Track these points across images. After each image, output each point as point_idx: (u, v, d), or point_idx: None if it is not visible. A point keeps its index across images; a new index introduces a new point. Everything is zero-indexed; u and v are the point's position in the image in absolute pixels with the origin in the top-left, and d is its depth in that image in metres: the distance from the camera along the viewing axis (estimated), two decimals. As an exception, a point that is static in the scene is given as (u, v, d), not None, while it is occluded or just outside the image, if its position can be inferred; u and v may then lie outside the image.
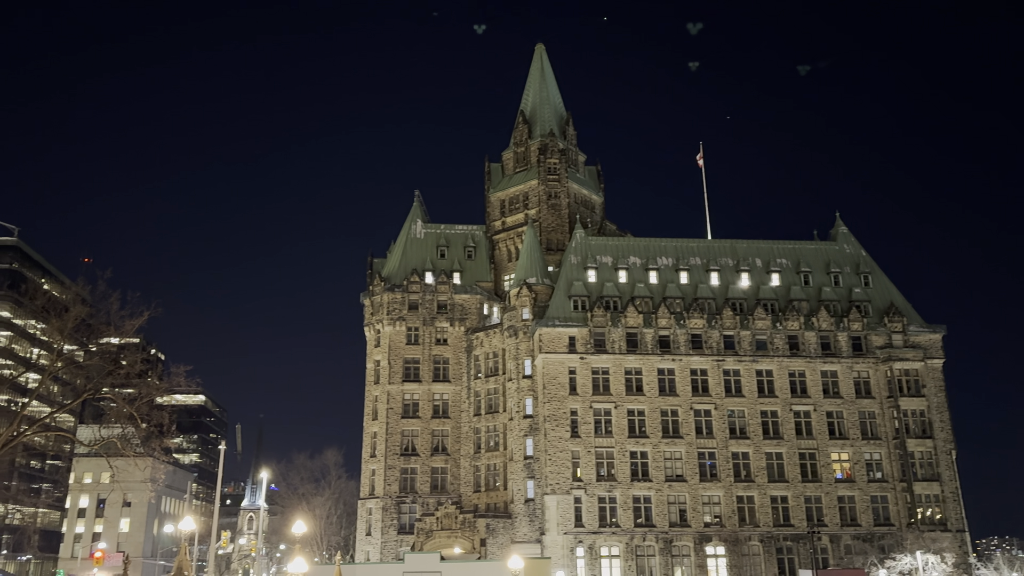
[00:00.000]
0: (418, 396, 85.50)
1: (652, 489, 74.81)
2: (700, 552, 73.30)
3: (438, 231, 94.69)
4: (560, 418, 75.72)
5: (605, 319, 78.67)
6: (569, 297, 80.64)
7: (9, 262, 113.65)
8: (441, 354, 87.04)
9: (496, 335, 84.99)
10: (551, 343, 77.74)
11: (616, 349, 78.09)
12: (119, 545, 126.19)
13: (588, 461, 74.94)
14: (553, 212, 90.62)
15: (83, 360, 41.16)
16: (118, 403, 38.48)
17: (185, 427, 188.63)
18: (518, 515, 76.35)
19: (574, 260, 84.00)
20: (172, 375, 41.33)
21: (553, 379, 76.84)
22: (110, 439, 41.06)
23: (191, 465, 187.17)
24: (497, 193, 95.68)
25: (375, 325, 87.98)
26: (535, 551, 71.66)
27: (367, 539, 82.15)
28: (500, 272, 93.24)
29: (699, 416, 77.52)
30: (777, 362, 79.59)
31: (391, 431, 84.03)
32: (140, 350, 60.67)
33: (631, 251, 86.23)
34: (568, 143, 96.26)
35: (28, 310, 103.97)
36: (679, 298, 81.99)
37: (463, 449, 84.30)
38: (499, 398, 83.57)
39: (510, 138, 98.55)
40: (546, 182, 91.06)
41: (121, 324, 37.53)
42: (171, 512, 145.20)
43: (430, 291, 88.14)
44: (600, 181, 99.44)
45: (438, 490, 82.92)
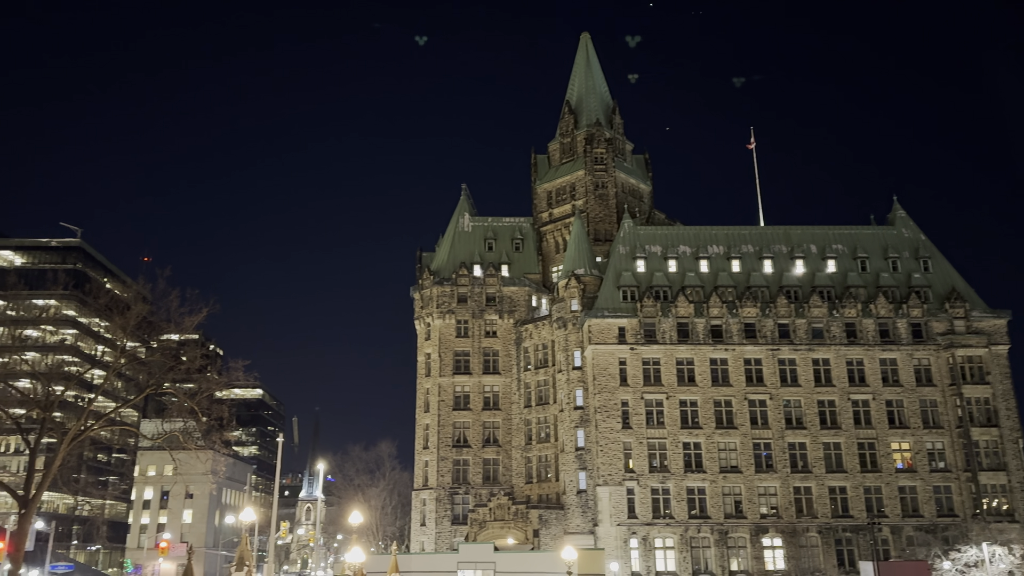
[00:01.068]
0: (468, 388, 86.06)
1: (706, 480, 74.04)
2: (756, 544, 72.35)
3: (485, 224, 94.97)
4: (611, 409, 75.41)
5: (655, 309, 77.97)
6: (618, 287, 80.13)
7: (73, 262, 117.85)
8: (491, 346, 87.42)
9: (545, 327, 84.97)
10: (601, 334, 77.39)
11: (667, 339, 77.36)
12: (182, 536, 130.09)
13: (640, 452, 74.50)
14: (600, 202, 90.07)
15: (145, 356, 42.42)
16: (179, 398, 39.61)
17: (244, 420, 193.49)
18: (570, 506, 76.38)
19: (622, 250, 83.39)
20: (230, 370, 42.35)
21: (603, 370, 76.51)
22: (172, 433, 42.30)
23: (250, 457, 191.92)
24: (544, 185, 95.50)
25: (425, 318, 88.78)
26: (588, 542, 71.63)
27: (421, 529, 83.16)
28: (548, 264, 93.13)
29: (753, 406, 76.38)
30: (834, 350, 77.89)
31: (443, 423, 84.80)
32: (199, 346, 62.15)
33: (681, 240, 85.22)
34: (615, 132, 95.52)
35: (92, 309, 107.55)
36: (731, 287, 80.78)
37: (514, 441, 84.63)
38: (549, 390, 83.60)
39: (556, 129, 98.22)
40: (593, 172, 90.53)
41: (181, 321, 38.58)
42: (231, 503, 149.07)
43: (478, 284, 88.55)
44: (648, 170, 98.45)
45: (490, 481, 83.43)
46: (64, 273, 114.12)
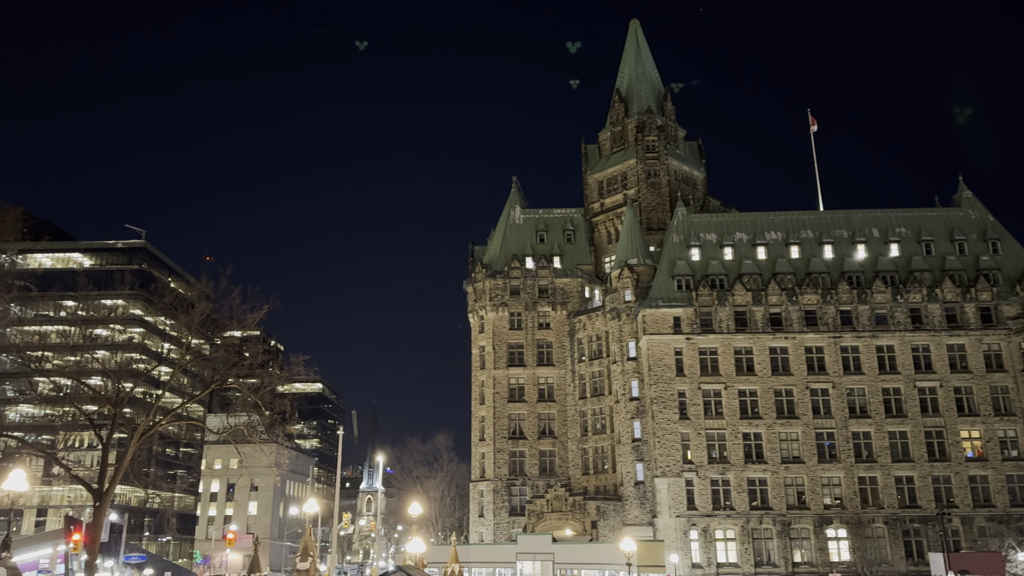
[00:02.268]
0: (523, 380, 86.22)
1: (767, 471, 72.77)
2: (820, 535, 70.88)
3: (536, 216, 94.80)
4: (668, 400, 74.65)
5: (711, 298, 76.82)
6: (672, 277, 79.17)
7: (139, 263, 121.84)
8: (544, 338, 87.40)
9: (598, 318, 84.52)
10: (655, 324, 76.61)
11: (724, 328, 76.17)
12: (248, 527, 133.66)
13: (699, 443, 73.62)
14: (653, 191, 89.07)
15: (209, 353, 43.56)
16: (243, 393, 40.57)
17: (305, 414, 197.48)
18: (628, 498, 75.98)
19: (676, 239, 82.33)
20: (291, 365, 43.19)
21: (659, 361, 75.76)
22: (237, 427, 43.38)
23: (312, 450, 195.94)
24: (595, 175, 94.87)
25: (478, 311, 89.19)
26: (647, 534, 71.17)
27: (480, 520, 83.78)
28: (600, 254, 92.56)
29: (815, 395, 74.72)
30: (899, 337, 75.64)
31: (498, 415, 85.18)
32: (261, 342, 63.70)
33: (737, 227, 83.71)
34: (666, 119, 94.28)
35: (158, 308, 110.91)
36: (790, 273, 79.05)
37: (570, 432, 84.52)
38: (604, 381, 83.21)
39: (606, 118, 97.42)
40: (644, 160, 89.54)
41: (243, 318, 39.49)
42: (294, 495, 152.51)
43: (531, 276, 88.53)
44: (702, 156, 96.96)
45: (547, 473, 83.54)
46: (130, 274, 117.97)
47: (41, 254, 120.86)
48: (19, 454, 44.66)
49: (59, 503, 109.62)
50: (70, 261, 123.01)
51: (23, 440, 51.23)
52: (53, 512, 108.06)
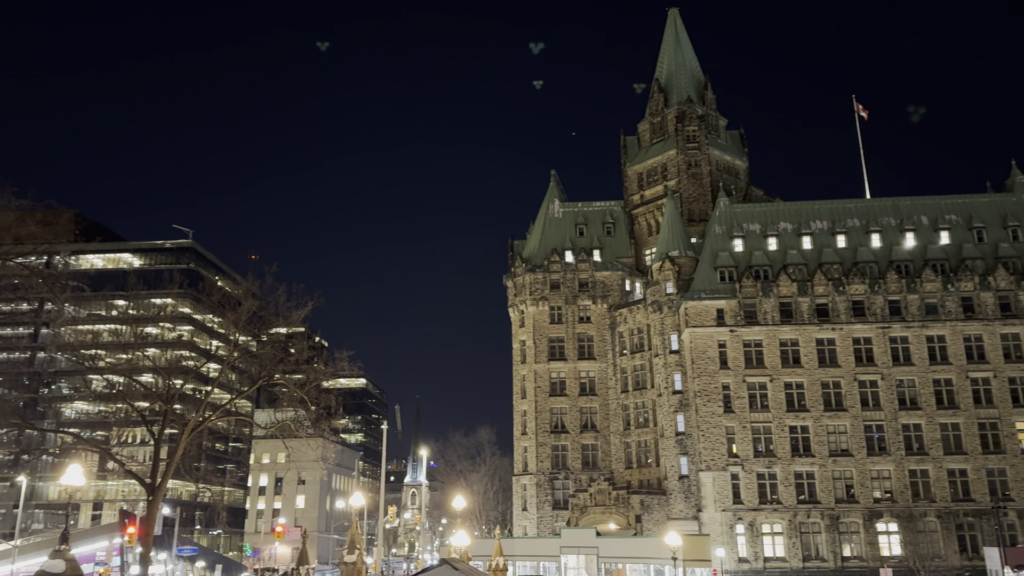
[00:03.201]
0: (564, 374, 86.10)
1: (815, 464, 71.61)
2: (870, 529, 69.55)
3: (575, 209, 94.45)
4: (711, 393, 73.87)
5: (755, 289, 75.73)
6: (715, 268, 78.23)
7: (187, 262, 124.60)
8: (585, 332, 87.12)
9: (640, 311, 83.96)
10: (698, 316, 75.82)
11: (769, 320, 75.05)
12: (296, 520, 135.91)
13: (744, 437, 72.75)
14: (694, 181, 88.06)
15: (256, 350, 44.42)
16: (289, 388, 41.25)
17: (349, 408, 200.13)
18: (672, 492, 75.45)
19: (719, 230, 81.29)
20: (336, 360, 43.77)
21: (702, 353, 74.98)
22: (284, 422, 44.15)
23: (356, 444, 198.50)
24: (634, 166, 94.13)
25: (518, 306, 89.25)
26: (692, 528, 70.61)
27: (523, 514, 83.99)
28: (641, 247, 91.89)
29: (864, 387, 73.24)
30: (950, 326, 73.70)
31: (540, 409, 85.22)
32: (306, 338, 64.99)
33: (781, 216, 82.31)
34: (707, 108, 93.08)
35: (205, 306, 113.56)
36: (837, 263, 77.53)
37: (612, 426, 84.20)
38: (646, 374, 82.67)
39: (645, 109, 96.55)
40: (685, 151, 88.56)
41: (288, 315, 40.16)
42: (341, 489, 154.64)
43: (571, 270, 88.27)
44: (744, 145, 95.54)
45: (590, 467, 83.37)
46: (179, 273, 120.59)
47: (93, 255, 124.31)
48: (75, 450, 46.12)
49: (114, 497, 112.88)
50: (120, 261, 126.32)
51: (79, 436, 52.82)
52: (108, 506, 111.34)
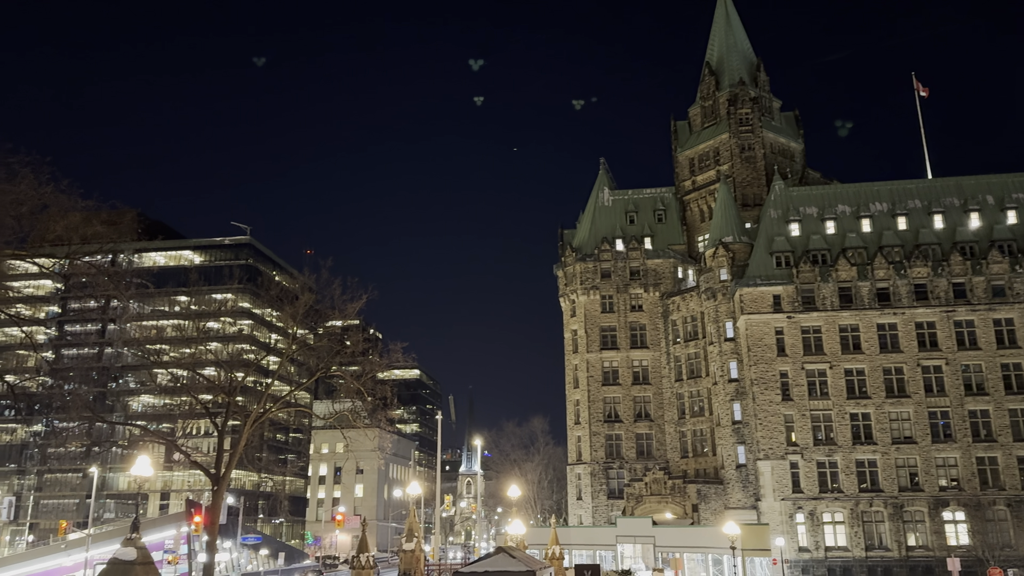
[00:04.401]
0: (617, 363, 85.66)
1: (877, 452, 69.92)
2: (936, 518, 67.66)
3: (626, 197, 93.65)
4: (769, 381, 72.65)
5: (813, 274, 74.08)
6: (771, 253, 76.75)
7: (245, 258, 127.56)
8: (637, 320, 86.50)
9: (693, 298, 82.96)
10: (753, 303, 74.56)
11: (827, 306, 73.38)
12: (355, 509, 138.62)
13: (803, 425, 71.40)
14: (747, 165, 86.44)
15: (314, 342, 45.27)
16: (346, 380, 42.00)
17: (404, 399, 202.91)
18: (730, 481, 74.57)
19: (774, 214, 79.69)
20: (390, 352, 44.42)
21: (758, 341, 73.75)
22: (342, 412, 45.01)
23: (412, 434, 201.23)
24: (685, 152, 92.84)
25: (569, 295, 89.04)
26: (750, 517, 69.73)
27: (578, 503, 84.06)
28: (693, 233, 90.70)
29: (927, 373, 71.12)
30: (1018, 309, 70.97)
31: (593, 398, 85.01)
32: (361, 331, 65.63)
33: (839, 199, 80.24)
34: (760, 90, 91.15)
35: (264, 300, 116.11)
36: (898, 246, 75.31)
37: (666, 415, 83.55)
38: (700, 362, 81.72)
39: (696, 93, 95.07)
40: (738, 134, 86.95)
41: (343, 308, 40.84)
42: (397, 478, 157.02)
43: (621, 258, 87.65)
44: (799, 127, 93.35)
45: (644, 456, 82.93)
46: (238, 268, 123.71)
47: (155, 253, 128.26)
48: (143, 442, 47.78)
49: (180, 487, 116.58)
50: (182, 259, 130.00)
51: (146, 428, 54.75)
52: (175, 496, 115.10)
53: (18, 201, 25.02)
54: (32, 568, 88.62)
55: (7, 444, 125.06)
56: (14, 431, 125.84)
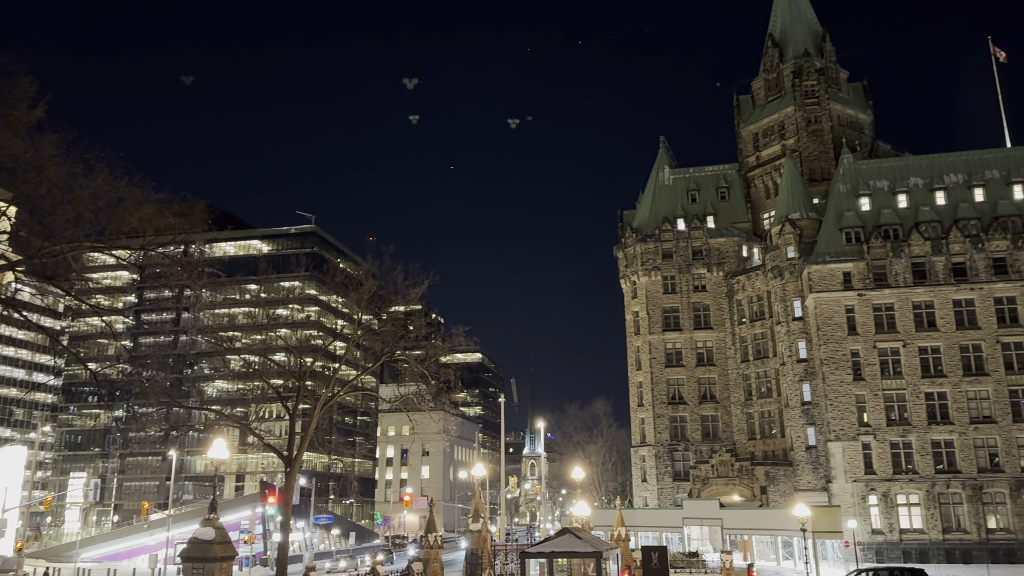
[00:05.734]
0: (680, 345, 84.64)
1: (954, 432, 67.52)
2: (1018, 500, 65.06)
3: (687, 175, 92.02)
4: (839, 360, 70.76)
5: (884, 250, 71.64)
6: (840, 229, 74.47)
7: (311, 246, 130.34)
8: (700, 301, 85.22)
9: (759, 277, 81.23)
10: (822, 281, 72.59)
11: (900, 282, 70.95)
12: (422, 490, 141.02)
13: (875, 405, 69.43)
14: (814, 139, 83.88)
15: (378, 328, 45.99)
16: (410, 364, 42.57)
17: (467, 383, 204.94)
18: (799, 462, 73.11)
19: (843, 188, 77.23)
20: (452, 336, 44.82)
21: (828, 319, 71.83)
22: (407, 396, 45.71)
23: (475, 417, 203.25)
24: (748, 127, 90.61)
25: (630, 277, 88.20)
26: (820, 499, 68.28)
27: (643, 485, 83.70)
28: (758, 211, 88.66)
29: (1008, 350, 68.18)
30: (1109, 282, 67.29)
31: (656, 380, 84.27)
32: (423, 315, 67.08)
33: (911, 171, 77.22)
34: (826, 61, 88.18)
35: (329, 287, 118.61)
36: (975, 219, 72.16)
37: (732, 396, 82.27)
38: (767, 343, 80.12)
39: (759, 66, 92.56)
40: (803, 107, 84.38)
41: (406, 293, 41.31)
42: (462, 460, 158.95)
43: (683, 238, 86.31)
44: (867, 98, 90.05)
45: (710, 438, 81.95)
46: (304, 257, 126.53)
47: (225, 243, 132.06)
48: (218, 426, 49.33)
49: (254, 469, 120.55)
50: (250, 248, 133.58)
51: (221, 413, 56.56)
52: (250, 478, 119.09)
53: (95, 195, 25.95)
54: (118, 546, 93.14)
55: (91, 429, 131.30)
56: (97, 416, 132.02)
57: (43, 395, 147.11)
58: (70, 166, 25.70)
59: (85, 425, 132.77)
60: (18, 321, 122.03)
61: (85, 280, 34.61)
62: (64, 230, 26.05)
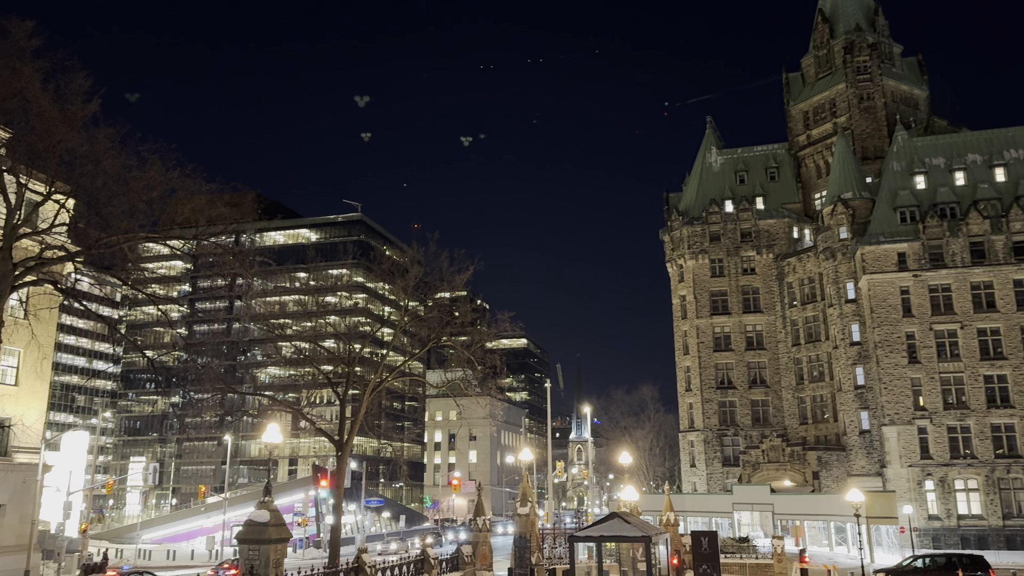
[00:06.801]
0: (728, 328, 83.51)
1: (1015, 416, 65.42)
2: (1085, 488, 62.86)
3: (734, 156, 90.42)
4: (894, 343, 69.04)
5: (941, 229, 69.50)
6: (894, 209, 72.45)
7: (357, 234, 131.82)
8: (749, 284, 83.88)
9: (810, 259, 79.59)
10: (876, 262, 70.78)
11: (957, 262, 68.79)
12: (470, 474, 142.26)
13: (932, 388, 67.62)
14: (866, 116, 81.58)
15: (424, 314, 46.38)
16: (456, 349, 42.82)
17: (512, 368, 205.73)
18: (852, 447, 71.71)
19: (897, 166, 75.05)
20: (498, 321, 44.93)
21: (882, 301, 70.09)
22: (454, 381, 46.03)
23: (521, 402, 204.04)
24: (798, 105, 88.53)
25: (677, 260, 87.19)
26: (874, 484, 66.96)
27: (691, 470, 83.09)
28: (809, 191, 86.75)
29: (1073, 331, 65.70)
30: None
31: (704, 365, 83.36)
32: (469, 301, 67.10)
33: (969, 147, 74.63)
34: (879, 36, 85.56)
35: (376, 274, 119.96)
36: (1037, 195, 69.46)
37: (783, 380, 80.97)
38: (819, 326, 78.57)
39: (808, 42, 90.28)
40: (855, 84, 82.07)
41: (452, 279, 41.48)
42: (509, 444, 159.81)
43: (731, 220, 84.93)
44: (923, 73, 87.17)
45: (760, 423, 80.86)
46: (351, 245, 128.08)
47: (275, 232, 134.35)
48: (271, 411, 50.38)
49: (307, 454, 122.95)
50: (299, 237, 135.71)
51: (273, 398, 57.75)
52: (302, 461, 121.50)
53: (149, 187, 26.57)
54: (176, 528, 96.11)
55: (149, 415, 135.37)
56: (155, 403, 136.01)
57: (103, 382, 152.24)
58: (124, 158, 26.34)
59: (143, 411, 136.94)
60: (78, 310, 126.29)
61: (141, 270, 35.56)
62: (120, 221, 26.73)
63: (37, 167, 26.00)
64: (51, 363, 44.02)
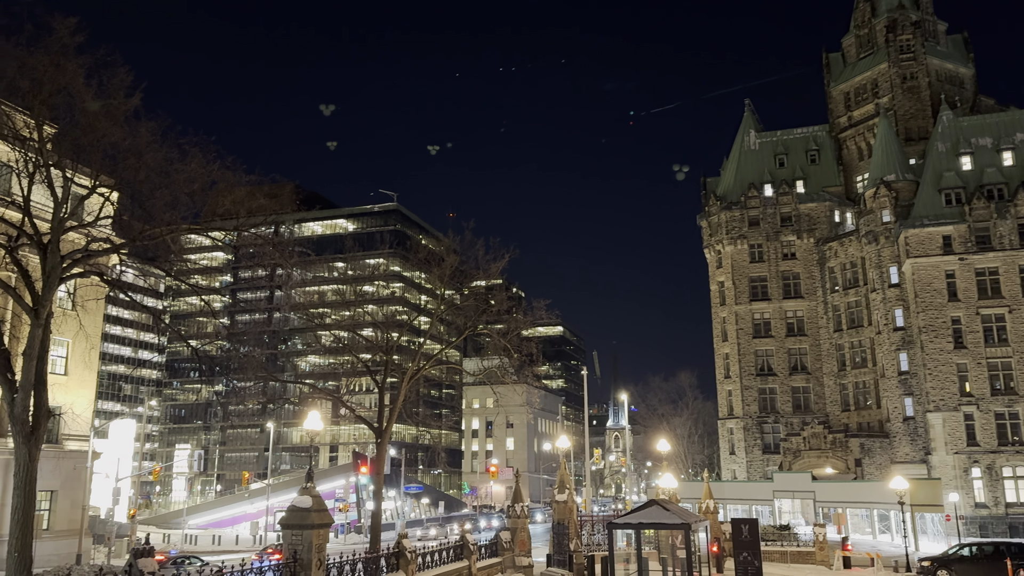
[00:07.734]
0: (768, 315, 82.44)
1: (1067, 403, 63.68)
2: None
3: (774, 139, 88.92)
4: (939, 328, 67.54)
5: (988, 211, 67.67)
6: (939, 191, 70.72)
7: (394, 224, 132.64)
8: (790, 269, 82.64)
9: (852, 243, 78.11)
10: (920, 245, 69.21)
11: (1005, 244, 66.97)
12: (507, 461, 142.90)
13: (978, 374, 66.08)
14: (910, 96, 79.61)
15: (460, 302, 46.49)
16: (493, 337, 42.88)
17: (549, 356, 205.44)
18: (896, 434, 70.46)
19: (942, 147, 73.17)
20: (534, 309, 44.88)
21: (927, 285, 68.56)
22: (490, 369, 46.15)
23: (558, 390, 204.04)
24: (839, 86, 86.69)
25: (715, 246, 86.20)
26: (919, 472, 65.75)
27: (731, 458, 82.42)
28: (850, 173, 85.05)
29: None
30: None
31: (743, 351, 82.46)
32: (504, 289, 67.18)
33: (1017, 126, 72.45)
34: (923, 13, 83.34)
35: (412, 263, 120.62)
36: (1090, 175, 67.23)
37: (825, 367, 79.75)
38: (861, 311, 77.17)
39: (849, 22, 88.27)
40: (898, 63, 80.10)
41: (487, 267, 41.50)
42: (545, 432, 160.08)
43: (770, 204, 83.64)
44: (968, 51, 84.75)
45: (801, 410, 79.83)
46: (388, 234, 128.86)
47: (313, 222, 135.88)
48: (311, 398, 51.10)
49: (347, 440, 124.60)
50: (337, 227, 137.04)
51: (314, 386, 58.62)
52: (343, 448, 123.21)
53: (190, 179, 26.98)
54: (222, 514, 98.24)
55: (194, 403, 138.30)
56: (199, 391, 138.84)
57: (148, 371, 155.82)
58: (166, 151, 26.77)
59: (188, 399, 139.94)
60: (124, 301, 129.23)
61: (184, 261, 36.18)
62: (163, 213, 27.20)
63: (82, 161, 26.56)
64: (98, 353, 45.16)
